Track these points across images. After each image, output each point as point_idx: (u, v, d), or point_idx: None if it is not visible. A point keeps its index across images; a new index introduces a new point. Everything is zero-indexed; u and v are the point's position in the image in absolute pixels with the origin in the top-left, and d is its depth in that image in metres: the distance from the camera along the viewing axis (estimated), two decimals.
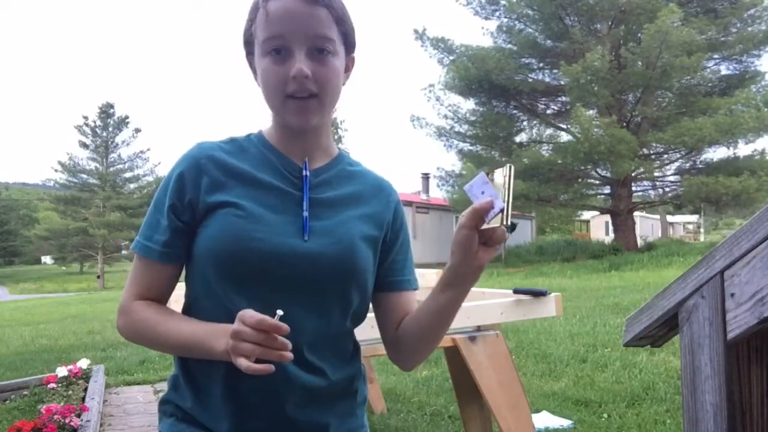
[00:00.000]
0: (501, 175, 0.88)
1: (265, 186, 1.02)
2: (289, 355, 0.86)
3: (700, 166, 22.60)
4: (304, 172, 1.04)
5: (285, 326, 0.84)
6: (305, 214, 1.01)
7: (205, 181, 1.01)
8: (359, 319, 1.10)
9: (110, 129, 42.66)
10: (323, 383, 1.02)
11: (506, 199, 0.87)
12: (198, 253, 1.00)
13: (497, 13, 23.92)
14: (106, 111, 42.43)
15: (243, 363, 0.85)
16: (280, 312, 0.86)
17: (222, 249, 0.97)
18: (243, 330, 0.85)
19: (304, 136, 1.05)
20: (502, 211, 0.87)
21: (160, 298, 1.06)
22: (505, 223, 0.88)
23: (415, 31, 23.65)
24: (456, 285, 0.96)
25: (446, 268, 0.96)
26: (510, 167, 0.88)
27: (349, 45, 1.05)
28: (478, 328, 2.60)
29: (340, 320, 1.04)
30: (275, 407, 0.99)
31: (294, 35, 0.96)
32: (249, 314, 0.86)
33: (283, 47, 0.97)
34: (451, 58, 23.54)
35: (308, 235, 1.00)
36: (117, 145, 43.12)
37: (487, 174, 0.90)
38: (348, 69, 1.07)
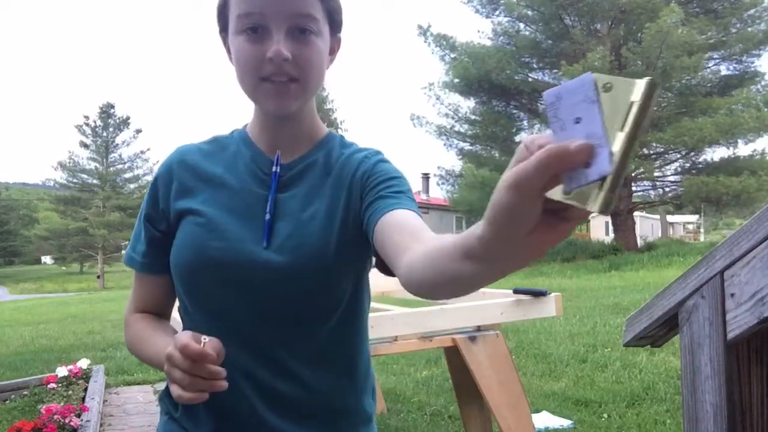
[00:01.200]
0: (633, 94, 0.42)
1: (231, 188, 0.95)
2: (222, 384, 0.77)
3: (700, 166, 22.58)
4: (273, 168, 0.95)
5: (211, 354, 0.76)
6: (267, 217, 0.92)
7: (174, 186, 0.96)
8: (339, 326, 0.95)
9: (111, 129, 42.70)
10: (301, 393, 0.94)
11: (623, 154, 0.42)
12: (171, 266, 0.95)
13: (497, 12, 23.94)
14: (106, 111, 42.47)
15: (174, 391, 0.78)
16: (205, 338, 0.77)
17: (182, 260, 0.92)
18: (173, 355, 0.77)
19: (283, 124, 0.96)
20: (604, 179, 0.42)
21: (159, 310, 1.03)
22: (602, 204, 0.42)
23: (419, 27, 23.61)
24: (485, 261, 0.54)
25: (475, 235, 0.51)
26: (654, 85, 0.42)
27: (335, 24, 0.94)
28: (478, 328, 2.60)
29: (313, 327, 0.94)
30: (250, 413, 0.93)
31: (273, 12, 0.86)
32: (178, 338, 0.78)
33: (259, 25, 0.86)
34: (453, 55, 23.54)
35: (269, 241, 0.91)
36: (117, 145, 43.18)
37: (603, 85, 0.43)
38: (333, 51, 0.96)
